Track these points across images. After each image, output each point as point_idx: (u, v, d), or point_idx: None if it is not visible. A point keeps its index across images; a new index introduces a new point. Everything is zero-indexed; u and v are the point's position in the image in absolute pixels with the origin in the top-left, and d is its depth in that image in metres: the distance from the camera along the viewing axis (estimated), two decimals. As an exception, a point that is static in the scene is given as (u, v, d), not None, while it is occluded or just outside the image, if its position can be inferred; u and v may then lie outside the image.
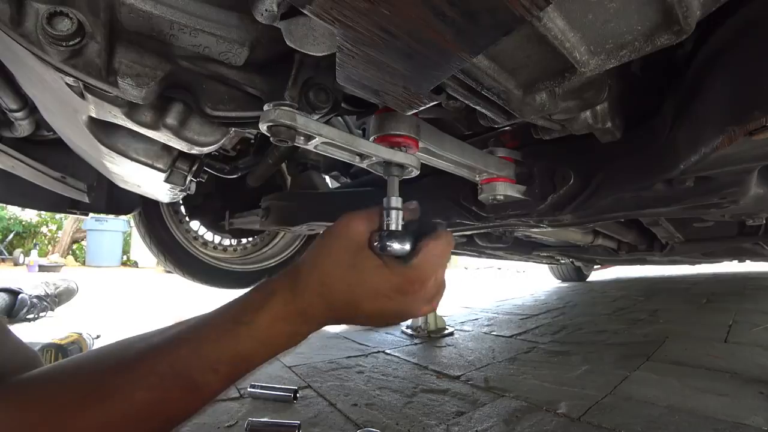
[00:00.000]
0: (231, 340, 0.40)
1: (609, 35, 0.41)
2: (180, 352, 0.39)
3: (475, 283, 5.55)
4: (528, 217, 0.86)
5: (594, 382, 1.18)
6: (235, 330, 0.41)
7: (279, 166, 1.48)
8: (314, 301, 0.43)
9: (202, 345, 0.40)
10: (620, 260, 2.01)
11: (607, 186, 0.74)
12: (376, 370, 1.33)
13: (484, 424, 0.91)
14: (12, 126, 0.94)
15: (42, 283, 2.57)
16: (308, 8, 0.30)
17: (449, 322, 2.17)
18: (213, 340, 0.40)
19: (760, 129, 0.45)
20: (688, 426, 0.87)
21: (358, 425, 0.90)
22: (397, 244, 0.47)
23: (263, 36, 0.50)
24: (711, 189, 0.69)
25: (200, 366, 0.39)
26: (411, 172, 0.56)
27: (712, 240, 1.46)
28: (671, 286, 4.03)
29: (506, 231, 1.37)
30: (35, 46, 0.40)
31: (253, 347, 0.41)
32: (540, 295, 3.55)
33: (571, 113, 0.59)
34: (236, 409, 0.98)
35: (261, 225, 1.33)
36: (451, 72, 0.40)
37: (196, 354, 0.39)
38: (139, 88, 0.46)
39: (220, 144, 0.61)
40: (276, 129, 0.44)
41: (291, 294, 0.43)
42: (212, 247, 1.84)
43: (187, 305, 2.90)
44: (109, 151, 0.64)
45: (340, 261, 0.45)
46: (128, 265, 9.28)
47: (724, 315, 2.21)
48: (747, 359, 1.36)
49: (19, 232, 9.24)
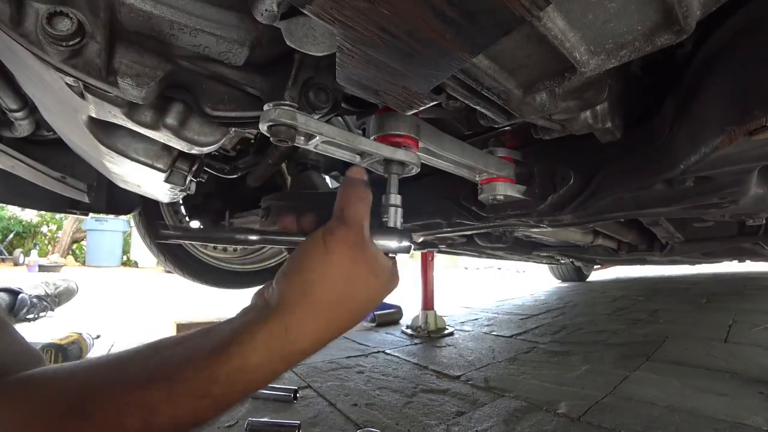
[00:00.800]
0: (206, 384, 0.37)
1: (609, 35, 0.41)
2: (152, 397, 0.36)
3: (475, 283, 5.55)
4: (528, 217, 0.86)
5: (594, 382, 1.18)
6: (212, 373, 0.37)
7: (279, 166, 1.48)
8: (306, 334, 0.41)
9: (175, 388, 0.36)
10: (620, 260, 2.00)
11: (607, 186, 0.74)
12: (376, 370, 1.33)
13: (484, 424, 0.91)
14: (12, 126, 0.94)
15: (42, 283, 2.57)
16: (308, 8, 0.30)
17: (449, 322, 2.17)
18: (186, 383, 0.36)
19: (760, 129, 0.45)
20: (688, 426, 0.87)
21: (358, 425, 0.90)
22: (395, 243, 0.48)
23: (263, 36, 0.49)
24: (711, 189, 0.69)
25: (171, 415, 0.36)
26: (412, 170, 0.56)
27: (712, 240, 1.45)
28: (671, 286, 4.03)
29: (506, 231, 1.37)
30: (35, 46, 0.40)
31: (231, 392, 0.38)
32: (540, 295, 3.55)
33: (571, 113, 0.59)
34: (236, 409, 0.98)
35: (261, 225, 1.33)
36: (451, 72, 0.40)
37: (167, 401, 0.36)
38: (139, 88, 0.46)
39: (220, 144, 0.61)
40: (276, 129, 0.44)
41: (280, 333, 0.39)
42: (212, 247, 1.84)
43: (187, 305, 2.90)
44: (109, 151, 0.64)
45: (338, 279, 0.42)
46: (128, 265, 9.28)
47: (724, 315, 2.21)
48: (747, 359, 1.36)
49: (19, 232, 9.24)
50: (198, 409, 0.37)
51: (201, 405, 0.37)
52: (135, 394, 0.35)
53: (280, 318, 0.40)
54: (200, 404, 0.37)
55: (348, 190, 0.47)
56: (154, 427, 0.35)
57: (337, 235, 0.43)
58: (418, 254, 2.37)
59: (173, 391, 0.36)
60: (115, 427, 0.34)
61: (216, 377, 0.37)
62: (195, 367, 0.37)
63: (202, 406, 0.37)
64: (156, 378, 0.37)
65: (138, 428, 0.34)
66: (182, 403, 0.36)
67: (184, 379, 0.36)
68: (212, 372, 0.37)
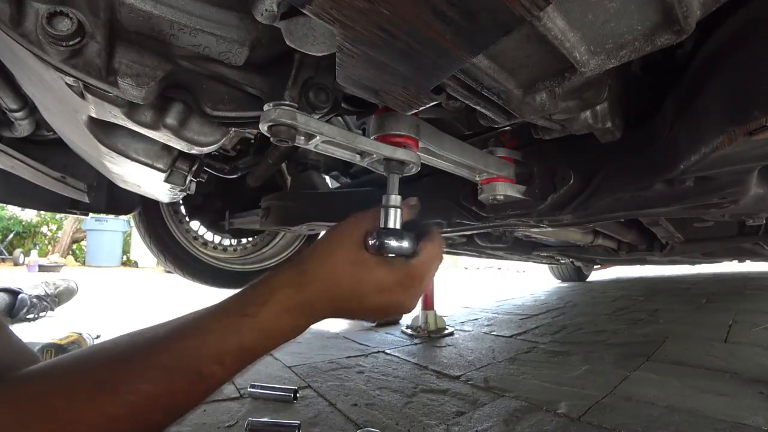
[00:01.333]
0: (236, 332, 0.41)
1: (609, 35, 0.41)
2: (186, 344, 0.40)
3: (475, 283, 5.55)
4: (528, 217, 0.86)
5: (594, 382, 1.18)
6: (240, 322, 0.42)
7: (279, 166, 1.48)
8: (319, 295, 0.46)
9: (208, 337, 0.40)
10: (620, 260, 2.01)
11: (607, 186, 0.74)
12: (376, 370, 1.33)
13: (484, 424, 0.91)
14: (12, 126, 0.94)
15: (42, 282, 2.57)
16: (308, 8, 0.30)
17: (449, 322, 2.17)
18: (218, 333, 0.41)
19: (760, 129, 0.45)
20: (688, 426, 0.87)
21: (358, 425, 0.90)
22: (395, 242, 0.48)
23: (263, 36, 0.49)
24: (711, 189, 0.69)
25: (206, 358, 0.39)
26: (412, 169, 0.56)
27: (712, 240, 1.45)
28: (671, 286, 4.03)
29: (506, 231, 1.37)
30: (35, 46, 0.40)
31: (257, 339, 0.42)
32: (540, 295, 3.55)
33: (571, 113, 0.59)
34: (236, 409, 0.98)
35: (261, 225, 1.33)
36: (451, 72, 0.40)
37: (201, 346, 0.40)
38: (139, 88, 0.46)
39: (220, 144, 0.61)
40: (276, 129, 0.44)
41: (295, 288, 0.45)
42: (212, 247, 1.84)
43: (187, 305, 2.89)
44: (109, 151, 0.64)
45: (348, 258, 0.47)
46: (128, 265, 9.28)
47: (724, 315, 2.21)
48: (747, 359, 1.36)
49: (19, 232, 9.24)
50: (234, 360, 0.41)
51: (235, 355, 0.41)
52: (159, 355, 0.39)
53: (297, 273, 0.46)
54: (234, 354, 0.41)
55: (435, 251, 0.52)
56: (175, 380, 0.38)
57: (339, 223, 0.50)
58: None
59: (205, 340, 0.40)
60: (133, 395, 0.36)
61: (240, 326, 0.41)
62: (223, 318, 0.42)
63: (237, 356, 0.41)
64: (187, 334, 0.40)
65: (156, 391, 0.37)
66: (211, 352, 0.40)
67: (211, 328, 0.41)
68: (237, 322, 0.41)
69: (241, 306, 0.44)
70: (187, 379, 0.39)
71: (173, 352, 0.39)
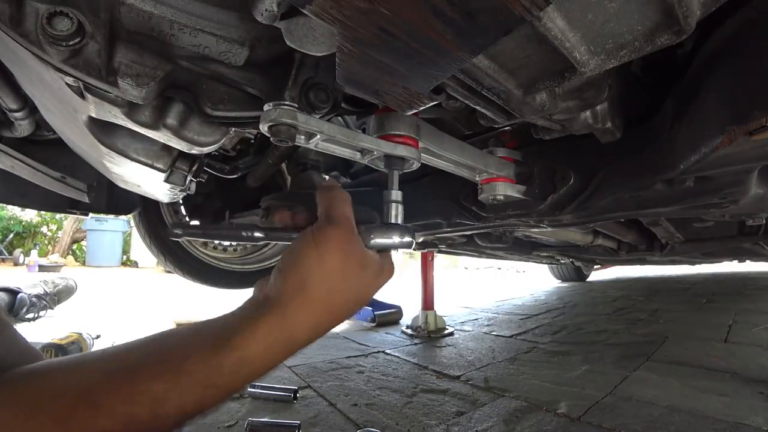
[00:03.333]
0: (211, 374, 0.38)
1: (609, 35, 0.41)
2: (160, 387, 0.37)
3: (475, 283, 5.55)
4: (528, 217, 0.86)
5: (594, 382, 1.18)
6: (217, 363, 0.39)
7: (279, 166, 1.48)
8: (303, 326, 0.43)
9: (181, 378, 0.38)
10: (620, 260, 2.01)
11: (607, 186, 0.74)
12: (376, 370, 1.33)
13: (484, 424, 0.91)
14: (12, 126, 0.94)
15: (41, 281, 2.57)
16: (308, 8, 0.30)
17: (449, 322, 2.17)
18: (191, 374, 0.38)
19: (760, 129, 0.45)
20: (688, 426, 0.87)
21: (358, 425, 0.90)
22: (398, 238, 0.48)
23: (263, 36, 0.49)
24: (711, 189, 0.69)
25: (177, 404, 0.37)
26: (412, 165, 0.56)
27: (712, 240, 1.45)
28: (671, 286, 4.03)
29: (506, 231, 1.37)
30: (35, 46, 0.40)
31: (234, 380, 0.40)
32: (540, 295, 3.55)
33: (571, 113, 0.59)
34: (236, 409, 0.98)
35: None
36: (451, 72, 0.40)
37: (174, 390, 0.37)
38: (139, 88, 0.46)
39: (220, 144, 0.61)
40: (276, 129, 0.44)
41: (279, 325, 0.42)
42: (212, 247, 1.84)
43: (187, 305, 2.90)
44: (109, 151, 0.64)
45: (330, 273, 0.44)
46: (128, 265, 9.28)
47: (724, 315, 2.21)
48: (747, 359, 1.36)
49: (19, 232, 9.24)
50: (203, 398, 0.39)
51: (206, 394, 0.39)
52: (143, 385, 0.37)
53: (278, 311, 0.42)
54: (205, 393, 0.39)
55: (328, 194, 0.50)
56: (161, 416, 0.36)
57: (327, 233, 0.45)
58: (418, 254, 2.37)
59: (180, 382, 0.38)
60: (123, 417, 0.35)
61: (220, 368, 0.39)
62: (200, 359, 0.39)
63: (208, 394, 0.39)
64: (163, 369, 0.38)
65: (146, 417, 0.36)
66: (188, 393, 0.38)
67: (189, 370, 0.38)
68: (217, 363, 0.39)
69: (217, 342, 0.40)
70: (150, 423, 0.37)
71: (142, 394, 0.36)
